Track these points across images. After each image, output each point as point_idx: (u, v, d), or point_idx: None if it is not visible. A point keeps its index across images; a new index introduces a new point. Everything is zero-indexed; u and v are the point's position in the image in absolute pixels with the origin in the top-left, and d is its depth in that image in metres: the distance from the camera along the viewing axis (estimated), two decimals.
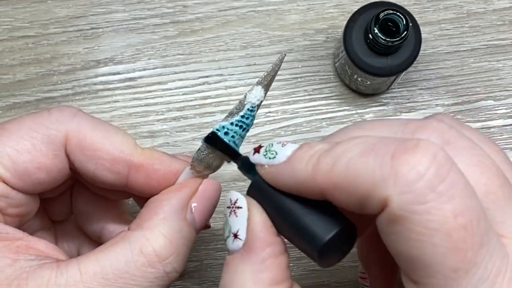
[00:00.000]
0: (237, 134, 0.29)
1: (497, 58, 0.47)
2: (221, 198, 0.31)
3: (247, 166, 0.27)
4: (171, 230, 0.28)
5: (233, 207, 0.26)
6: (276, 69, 0.29)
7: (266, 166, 0.26)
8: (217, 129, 0.29)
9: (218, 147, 0.29)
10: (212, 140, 0.29)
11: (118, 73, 0.47)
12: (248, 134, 0.31)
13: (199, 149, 0.29)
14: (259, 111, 0.45)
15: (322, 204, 0.25)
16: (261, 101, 0.30)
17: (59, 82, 0.46)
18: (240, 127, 0.29)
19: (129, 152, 0.30)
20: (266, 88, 0.29)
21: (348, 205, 0.23)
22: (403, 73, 0.42)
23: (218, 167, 0.31)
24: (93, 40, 0.47)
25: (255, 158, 0.27)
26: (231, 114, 0.29)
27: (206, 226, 0.33)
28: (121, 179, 0.30)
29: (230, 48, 0.47)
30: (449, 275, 0.21)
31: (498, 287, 0.21)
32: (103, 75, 0.47)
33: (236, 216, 0.26)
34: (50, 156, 0.29)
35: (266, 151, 0.26)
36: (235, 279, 0.25)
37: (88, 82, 0.46)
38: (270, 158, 0.26)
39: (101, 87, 0.46)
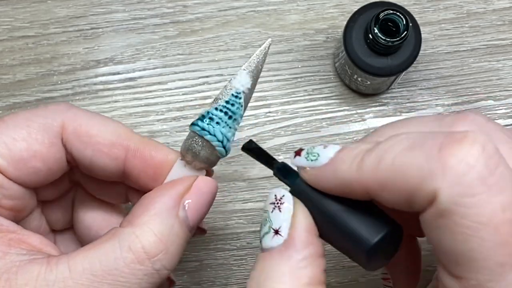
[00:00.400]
0: (222, 121, 0.29)
1: (497, 58, 0.47)
2: (218, 197, 0.31)
3: (283, 172, 0.28)
4: (162, 227, 0.28)
5: (278, 203, 0.26)
6: (261, 55, 0.29)
7: (308, 168, 0.26)
8: (202, 115, 0.29)
9: (254, 154, 0.29)
10: (248, 147, 0.29)
11: (118, 73, 0.47)
12: (248, 134, 0.31)
13: (187, 137, 0.29)
14: (259, 110, 0.46)
15: (367, 205, 0.25)
16: (249, 89, 0.29)
17: (59, 82, 0.46)
18: (225, 113, 0.29)
19: (126, 137, 0.30)
20: (252, 75, 0.29)
21: (394, 203, 0.23)
22: (403, 73, 0.42)
23: (210, 159, 0.30)
24: (93, 40, 0.47)
25: (296, 161, 0.26)
26: (216, 99, 0.29)
27: (202, 230, 0.32)
28: (118, 165, 0.30)
29: (230, 48, 0.47)
30: (495, 270, 0.21)
31: None
32: (103, 75, 0.47)
33: (280, 211, 0.26)
34: (46, 144, 0.29)
35: (307, 153, 0.26)
36: (270, 276, 0.25)
37: (88, 82, 0.46)
38: (312, 161, 0.26)
39: (101, 87, 0.46)
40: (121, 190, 0.33)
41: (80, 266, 0.26)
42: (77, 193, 0.34)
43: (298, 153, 0.27)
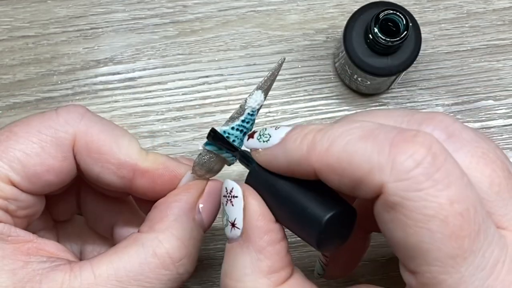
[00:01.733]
0: (238, 139, 0.29)
1: (497, 58, 0.47)
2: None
3: (245, 158, 0.28)
4: (183, 232, 0.28)
5: (229, 196, 0.26)
6: (276, 73, 0.29)
7: (260, 150, 0.26)
8: None
9: (218, 142, 0.29)
10: (212, 135, 0.29)
11: (118, 73, 0.47)
12: None
13: (200, 153, 0.29)
14: (259, 110, 0.46)
15: (320, 187, 0.25)
16: (261, 105, 0.30)
17: (59, 82, 0.46)
18: (241, 131, 0.29)
19: (135, 157, 0.30)
20: (266, 92, 0.29)
21: (340, 187, 0.23)
22: (403, 73, 0.42)
23: (219, 170, 0.31)
24: (93, 40, 0.47)
25: (249, 144, 0.27)
26: (232, 118, 0.29)
27: None
28: (126, 183, 0.30)
29: (230, 48, 0.47)
30: (447, 262, 0.21)
31: (496, 276, 0.21)
32: (103, 75, 0.47)
33: (232, 205, 0.26)
34: (59, 158, 0.29)
35: (260, 135, 0.26)
36: (234, 267, 0.25)
37: (88, 82, 0.46)
38: (264, 142, 0.26)
39: (101, 87, 0.46)
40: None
41: (105, 272, 0.26)
42: (82, 184, 0.34)
43: (251, 135, 0.27)
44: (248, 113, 0.29)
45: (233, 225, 0.26)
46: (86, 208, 0.34)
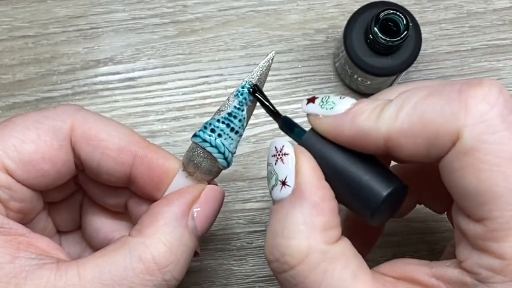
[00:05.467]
0: (224, 133, 0.29)
1: (497, 58, 0.47)
2: (226, 195, 0.31)
3: (289, 125, 0.27)
4: (172, 238, 0.28)
5: (279, 154, 0.26)
6: (264, 67, 0.29)
7: (321, 116, 0.25)
8: (204, 126, 0.29)
9: (260, 101, 0.28)
10: (254, 92, 0.28)
11: (118, 73, 0.46)
12: (247, 134, 0.30)
13: (188, 148, 0.29)
14: (259, 110, 0.45)
15: (374, 163, 0.25)
16: (251, 101, 0.29)
17: (59, 82, 0.46)
18: (227, 125, 0.29)
19: (135, 143, 0.30)
20: (257, 87, 0.29)
21: (414, 151, 0.23)
22: (403, 73, 0.42)
23: (211, 171, 0.30)
24: (93, 40, 0.47)
25: (309, 108, 0.26)
26: (218, 111, 0.28)
27: (196, 253, 0.32)
28: (125, 170, 0.30)
29: (230, 48, 0.47)
30: None
31: None
32: (103, 75, 0.46)
33: (283, 162, 0.26)
34: (55, 146, 0.29)
35: (322, 101, 0.26)
36: (286, 226, 0.24)
37: (87, 82, 0.46)
38: (327, 109, 0.25)
39: (101, 87, 0.46)
40: (122, 198, 0.33)
41: (90, 274, 0.26)
42: (85, 195, 0.34)
43: (311, 100, 0.26)
44: (235, 107, 0.29)
45: (283, 183, 0.25)
46: (85, 219, 0.34)
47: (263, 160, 0.45)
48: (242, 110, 0.29)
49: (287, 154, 0.26)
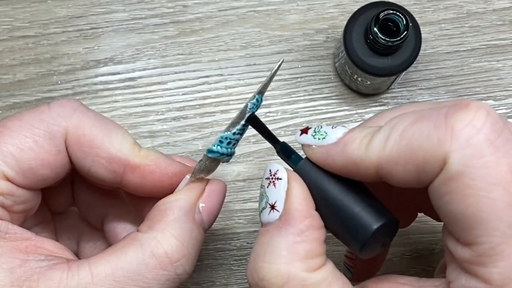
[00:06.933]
0: (237, 141, 0.29)
1: (497, 58, 0.47)
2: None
3: (286, 151, 0.27)
4: (182, 232, 0.28)
5: (272, 178, 0.26)
6: (274, 76, 0.29)
7: (314, 146, 0.26)
8: (220, 140, 0.29)
9: (258, 129, 0.29)
10: (252, 121, 0.28)
11: (118, 73, 0.47)
12: (247, 134, 0.31)
13: (201, 160, 0.29)
14: (259, 110, 0.45)
15: (366, 194, 0.25)
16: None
17: (59, 82, 0.46)
18: (240, 134, 0.29)
19: (126, 152, 0.30)
20: (263, 94, 0.29)
21: (405, 178, 0.23)
22: (403, 73, 0.42)
23: (215, 169, 0.31)
24: (93, 40, 0.47)
25: (302, 139, 0.26)
26: (233, 124, 0.28)
27: None
28: (116, 178, 0.30)
29: (230, 48, 0.47)
30: (506, 232, 0.21)
31: None
32: (103, 75, 0.46)
33: (275, 187, 0.26)
34: (53, 152, 0.29)
35: (315, 132, 0.26)
36: (269, 250, 0.25)
37: (88, 82, 0.46)
38: (319, 139, 0.26)
39: (101, 87, 0.46)
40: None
41: (103, 272, 0.26)
42: (75, 174, 0.34)
43: (304, 131, 0.27)
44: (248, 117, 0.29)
45: (272, 207, 0.25)
46: (79, 198, 0.34)
47: (263, 160, 0.45)
48: None
49: (280, 178, 0.26)
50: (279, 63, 0.28)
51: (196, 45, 0.47)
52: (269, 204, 0.26)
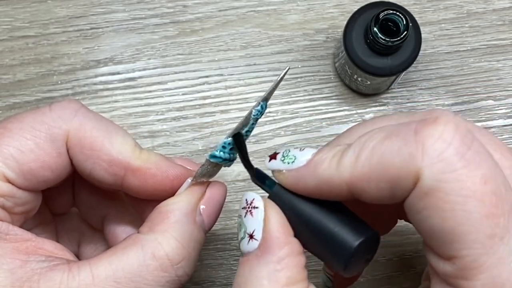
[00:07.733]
0: None
1: (497, 58, 0.47)
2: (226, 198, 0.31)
3: (261, 177, 0.27)
4: (183, 234, 0.28)
5: (248, 207, 0.26)
6: (280, 83, 0.29)
7: (284, 171, 0.25)
8: (223, 146, 0.29)
9: (238, 149, 0.28)
10: (237, 140, 0.28)
11: (118, 73, 0.47)
12: None
13: (203, 165, 0.29)
14: None
15: (344, 211, 0.25)
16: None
17: (59, 82, 0.46)
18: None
19: (127, 155, 0.30)
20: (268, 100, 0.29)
21: (378, 194, 0.23)
22: (403, 73, 0.42)
23: (216, 173, 0.31)
24: (93, 40, 0.47)
25: (272, 165, 0.26)
26: (236, 129, 0.28)
27: None
28: (117, 180, 0.30)
29: (230, 48, 0.47)
30: (486, 243, 0.21)
31: None
32: (103, 75, 0.47)
33: (252, 216, 0.26)
34: (53, 154, 0.29)
35: (283, 156, 0.26)
36: (250, 280, 0.25)
37: (88, 82, 0.46)
38: (288, 163, 0.25)
39: (101, 87, 0.46)
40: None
41: (103, 273, 0.26)
42: (76, 175, 0.34)
43: (273, 156, 0.26)
44: (252, 123, 0.29)
45: (251, 236, 0.25)
46: (79, 199, 0.34)
47: (263, 160, 0.45)
48: (255, 124, 0.29)
49: (256, 207, 0.26)
50: (285, 70, 0.28)
51: (196, 45, 0.47)
52: (248, 234, 0.25)
